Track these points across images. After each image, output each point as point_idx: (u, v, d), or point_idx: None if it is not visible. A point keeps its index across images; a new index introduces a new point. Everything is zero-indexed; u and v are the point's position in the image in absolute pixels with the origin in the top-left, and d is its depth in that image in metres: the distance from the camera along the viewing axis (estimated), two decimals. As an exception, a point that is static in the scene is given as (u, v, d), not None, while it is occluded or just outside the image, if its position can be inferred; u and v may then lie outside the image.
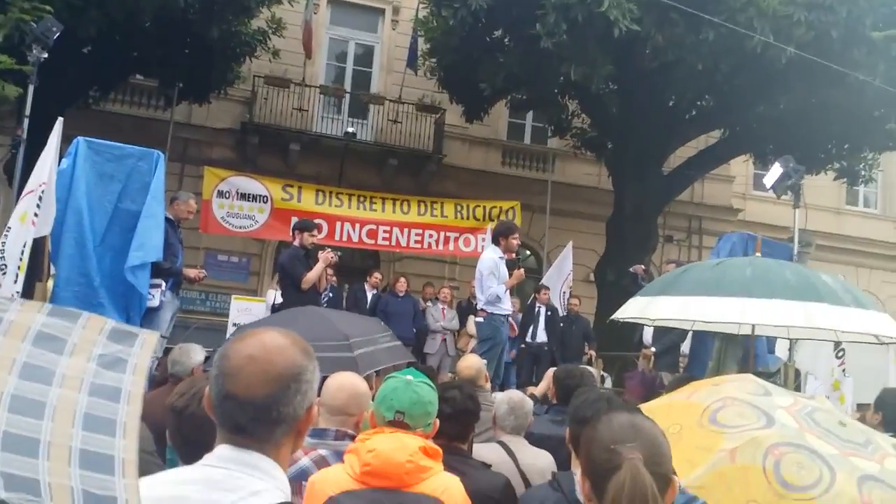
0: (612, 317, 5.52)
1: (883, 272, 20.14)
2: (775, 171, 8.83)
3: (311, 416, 1.47)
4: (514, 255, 7.67)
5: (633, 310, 5.03)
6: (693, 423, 2.08)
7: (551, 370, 4.80)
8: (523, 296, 12.68)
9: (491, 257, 7.38)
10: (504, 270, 7.34)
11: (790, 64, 10.28)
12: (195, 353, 4.40)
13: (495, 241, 7.49)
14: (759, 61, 10.52)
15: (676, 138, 14.20)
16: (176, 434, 2.04)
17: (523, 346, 10.90)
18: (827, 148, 13.78)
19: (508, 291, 7.45)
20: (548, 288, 11.68)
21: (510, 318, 7.99)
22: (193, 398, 1.97)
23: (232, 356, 1.40)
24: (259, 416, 1.37)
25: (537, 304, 11.14)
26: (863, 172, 14.90)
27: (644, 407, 2.35)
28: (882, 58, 9.87)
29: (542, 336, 10.93)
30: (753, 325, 5.25)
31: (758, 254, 6.19)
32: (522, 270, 7.53)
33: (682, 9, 10.03)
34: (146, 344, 1.12)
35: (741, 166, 18.45)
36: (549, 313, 11.13)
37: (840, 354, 7.83)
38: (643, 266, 9.74)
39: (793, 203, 9.01)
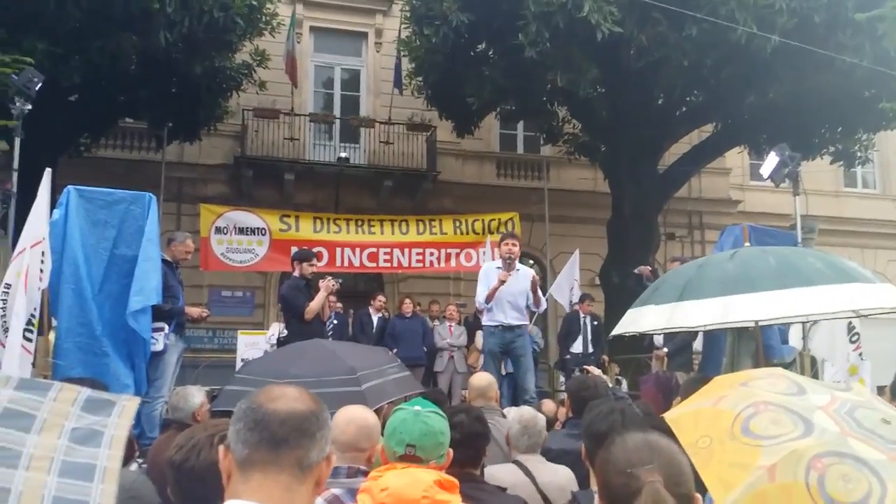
0: (611, 333, 5.43)
1: (888, 251, 20.03)
2: (771, 161, 8.77)
3: (330, 464, 1.50)
4: (511, 260, 7.36)
5: (625, 323, 4.93)
6: (724, 435, 1.93)
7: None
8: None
9: (486, 265, 7.39)
10: (494, 278, 7.23)
11: (776, 52, 10.24)
12: (194, 396, 4.30)
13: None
14: (744, 52, 10.49)
15: (669, 136, 14.17)
16: (176, 489, 1.96)
17: (568, 356, 10.73)
18: (821, 132, 13.73)
19: (502, 299, 7.25)
20: (592, 298, 11.57)
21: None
22: (192, 451, 1.89)
23: (260, 398, 1.46)
24: (301, 427, 1.42)
25: (581, 315, 11.01)
26: (859, 154, 14.83)
27: (669, 417, 2.24)
28: (868, 38, 9.81)
29: (588, 346, 10.78)
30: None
31: (746, 244, 6.05)
32: (502, 273, 7.12)
33: (663, 7, 10.02)
34: (125, 412, 1.06)
35: (736, 158, 18.41)
36: (594, 323, 10.88)
37: (854, 339, 7.72)
38: (649, 267, 9.57)
39: (792, 191, 8.94)
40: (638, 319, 4.88)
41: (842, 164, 15.33)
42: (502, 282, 7.13)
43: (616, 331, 5.18)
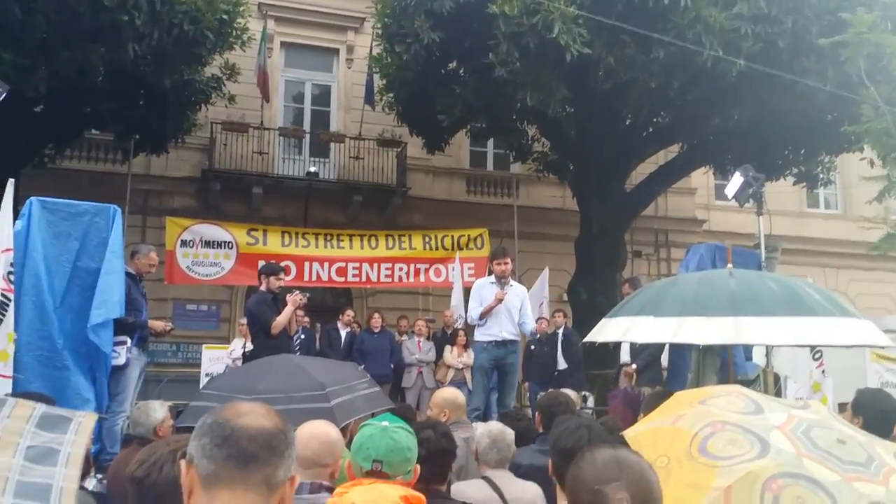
0: (586, 339, 5.39)
1: (850, 271, 20.42)
2: (736, 181, 8.87)
3: (294, 485, 1.46)
4: (506, 279, 7.42)
5: (613, 333, 4.85)
6: (682, 455, 1.93)
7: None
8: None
9: (479, 281, 7.44)
10: (488, 294, 7.27)
11: (741, 76, 10.44)
12: (156, 411, 4.24)
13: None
14: (710, 75, 10.67)
15: (636, 155, 14.34)
16: (139, 506, 1.92)
17: (556, 373, 10.74)
18: (784, 154, 14.00)
19: (499, 314, 7.28)
20: (564, 313, 11.63)
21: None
22: (154, 466, 1.85)
23: (227, 413, 1.41)
24: (270, 444, 1.37)
25: (555, 329, 11.03)
26: (821, 175, 15.16)
27: (628, 435, 2.24)
28: (830, 64, 10.03)
29: (562, 363, 10.80)
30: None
31: (729, 265, 6.12)
32: (499, 291, 7.25)
33: (631, 30, 10.16)
34: (82, 429, 1.03)
35: (702, 178, 18.68)
36: (563, 337, 10.95)
37: (818, 356, 7.85)
38: None
39: (756, 211, 9.06)
40: (632, 328, 4.76)
41: (804, 185, 15.65)
42: (500, 300, 7.17)
43: (604, 338, 5.03)
